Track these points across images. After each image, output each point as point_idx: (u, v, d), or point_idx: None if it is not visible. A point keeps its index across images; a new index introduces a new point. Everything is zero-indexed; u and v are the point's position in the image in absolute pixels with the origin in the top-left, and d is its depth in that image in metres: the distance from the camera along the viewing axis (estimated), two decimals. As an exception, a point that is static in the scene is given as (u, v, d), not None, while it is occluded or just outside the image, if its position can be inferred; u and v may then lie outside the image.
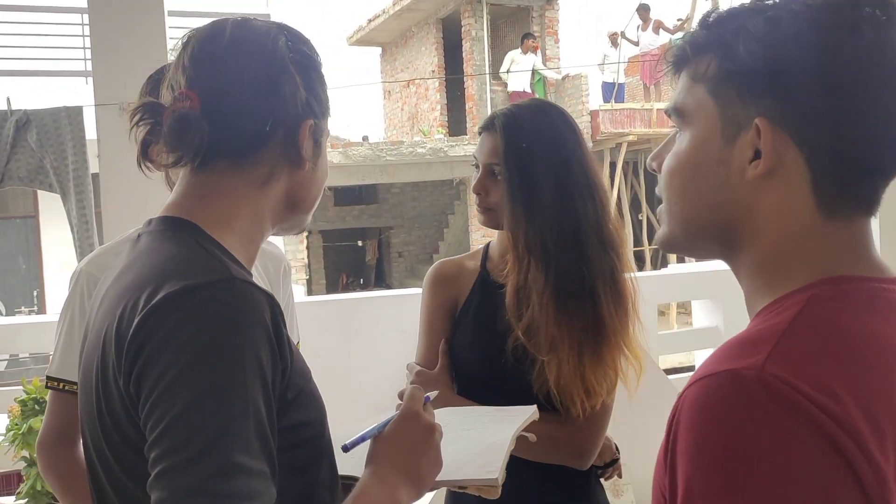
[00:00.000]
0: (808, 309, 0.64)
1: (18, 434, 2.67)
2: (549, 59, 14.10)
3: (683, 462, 0.59)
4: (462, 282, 1.52)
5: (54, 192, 3.55)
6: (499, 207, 1.42)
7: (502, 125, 1.42)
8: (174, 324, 0.75)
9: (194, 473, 0.70)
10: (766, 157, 0.67)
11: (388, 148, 12.53)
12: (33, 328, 3.65)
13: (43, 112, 3.53)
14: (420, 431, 0.94)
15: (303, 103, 0.91)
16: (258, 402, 0.74)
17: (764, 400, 0.57)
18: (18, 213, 10.81)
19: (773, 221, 0.68)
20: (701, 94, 0.71)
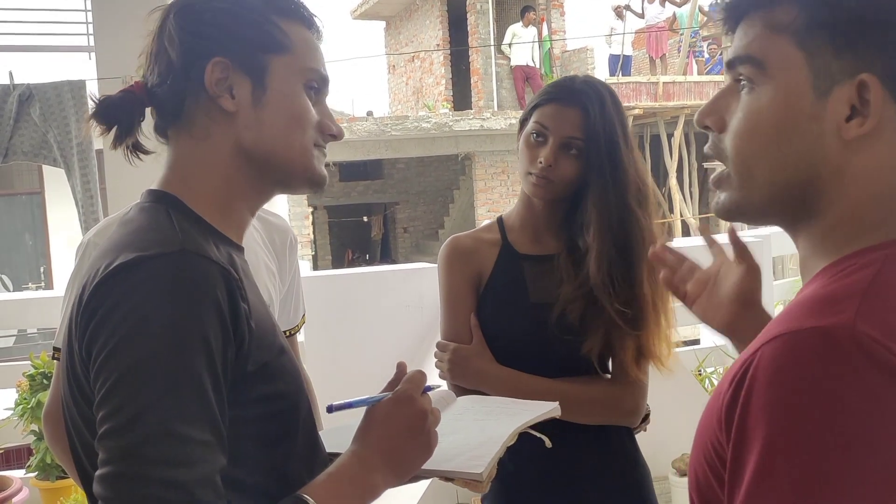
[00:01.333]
0: (887, 267, 0.61)
1: (28, 408, 2.70)
2: (554, 31, 13.96)
3: (764, 419, 0.56)
4: (483, 255, 1.49)
5: (58, 167, 3.54)
6: (564, 180, 1.41)
7: (587, 100, 1.39)
8: (121, 293, 0.77)
9: (128, 437, 0.73)
10: (873, 115, 0.63)
11: (393, 123, 12.47)
12: (41, 303, 3.67)
13: (46, 86, 3.51)
14: (411, 416, 0.91)
15: (198, 43, 0.89)
16: (199, 372, 0.75)
17: (858, 358, 0.55)
18: (24, 189, 10.82)
19: (861, 182, 0.65)
20: (785, 45, 0.66)
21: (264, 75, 0.90)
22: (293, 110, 0.92)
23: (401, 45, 16.48)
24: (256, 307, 0.87)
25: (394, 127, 12.31)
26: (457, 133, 12.57)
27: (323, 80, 0.96)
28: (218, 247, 0.87)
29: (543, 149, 1.40)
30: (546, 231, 1.48)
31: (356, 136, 12.03)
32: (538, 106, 1.44)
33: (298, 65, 0.93)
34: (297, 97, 0.92)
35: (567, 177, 1.41)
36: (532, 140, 1.43)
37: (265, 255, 1.52)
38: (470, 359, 1.43)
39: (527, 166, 1.43)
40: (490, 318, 1.46)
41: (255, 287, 0.94)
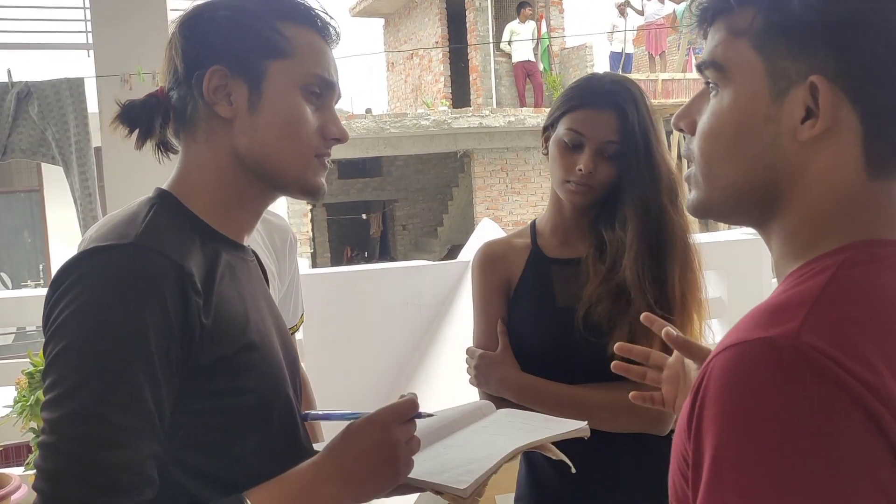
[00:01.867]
0: (840, 273, 0.62)
1: (26, 406, 2.69)
2: (553, 29, 13.96)
3: (713, 429, 0.57)
4: (513, 260, 1.49)
5: (57, 165, 3.54)
6: (604, 185, 1.40)
7: (622, 102, 1.39)
8: (73, 279, 0.82)
9: (58, 411, 0.78)
10: (822, 117, 0.63)
11: (392, 120, 12.46)
12: (39, 301, 3.65)
13: (44, 84, 3.51)
14: (380, 443, 0.89)
15: (198, 52, 0.92)
16: (131, 359, 0.79)
17: (800, 369, 0.56)
18: (23, 186, 10.81)
19: (819, 182, 0.66)
20: (744, 49, 0.67)
21: (261, 80, 0.92)
22: (288, 116, 0.93)
23: (400, 42, 16.46)
24: (227, 303, 0.89)
25: (392, 124, 12.31)
26: (456, 131, 12.56)
27: (326, 85, 0.96)
28: (204, 244, 0.90)
29: (581, 155, 1.39)
30: (575, 234, 1.48)
31: (355, 134, 12.02)
32: (568, 111, 1.42)
33: (299, 70, 0.94)
34: (293, 103, 0.93)
35: (606, 181, 1.40)
36: (566, 147, 1.41)
37: (265, 256, 1.52)
38: (493, 366, 1.43)
39: (563, 174, 1.41)
40: (518, 324, 1.46)
41: (247, 283, 0.96)
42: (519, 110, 12.86)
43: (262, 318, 0.96)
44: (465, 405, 1.24)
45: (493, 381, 1.43)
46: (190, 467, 0.85)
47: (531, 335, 1.44)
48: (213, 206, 0.94)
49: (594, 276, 1.40)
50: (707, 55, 0.71)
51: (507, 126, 12.52)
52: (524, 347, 1.44)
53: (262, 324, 0.96)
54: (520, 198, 13.43)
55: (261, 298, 1.00)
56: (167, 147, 0.99)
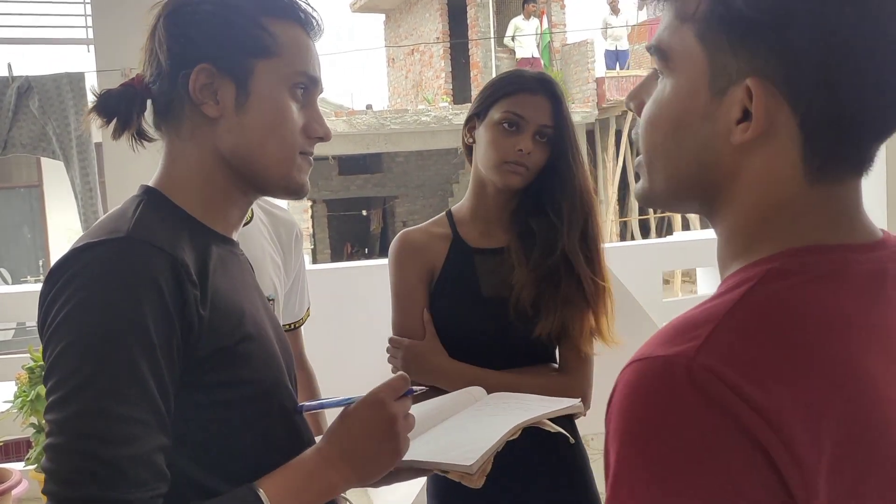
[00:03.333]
0: (759, 286, 0.60)
1: (27, 401, 2.70)
2: (554, 25, 13.94)
3: (614, 444, 0.58)
4: (434, 250, 1.51)
5: (57, 159, 3.54)
6: (537, 167, 1.45)
7: (556, 92, 1.47)
8: (68, 276, 0.82)
9: (64, 411, 0.77)
10: (756, 121, 0.60)
11: (393, 116, 12.45)
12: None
13: (45, 78, 3.50)
14: (378, 420, 0.90)
15: (184, 49, 0.90)
16: (133, 352, 0.79)
17: (689, 392, 0.54)
18: (22, 182, 10.81)
19: (754, 188, 0.63)
20: (688, 36, 0.63)
21: (248, 80, 0.91)
22: (275, 115, 0.93)
23: (400, 38, 16.44)
24: (222, 294, 0.89)
25: (393, 120, 12.30)
26: (456, 127, 12.54)
27: (312, 81, 0.96)
28: (193, 238, 0.89)
29: (520, 137, 1.43)
30: (497, 223, 1.51)
31: (355, 130, 12.02)
32: (502, 97, 1.45)
33: (285, 68, 0.93)
34: (280, 102, 0.93)
35: (539, 164, 1.45)
36: (504, 129, 1.44)
37: (271, 249, 1.53)
38: (424, 355, 1.44)
39: (501, 155, 1.43)
40: (443, 313, 1.47)
41: (239, 276, 0.96)
42: (520, 107, 12.83)
43: (257, 310, 0.97)
44: (458, 392, 1.26)
45: (425, 370, 1.43)
46: (193, 459, 0.85)
47: (458, 324, 1.46)
48: (199, 202, 0.94)
49: (521, 264, 1.45)
50: (655, 38, 0.68)
51: (508, 122, 12.50)
52: (451, 336, 1.46)
53: (257, 315, 0.96)
54: (520, 194, 13.41)
55: (253, 290, 1.00)
56: (142, 136, 0.97)
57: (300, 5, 0.95)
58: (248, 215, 1.52)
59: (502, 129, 1.44)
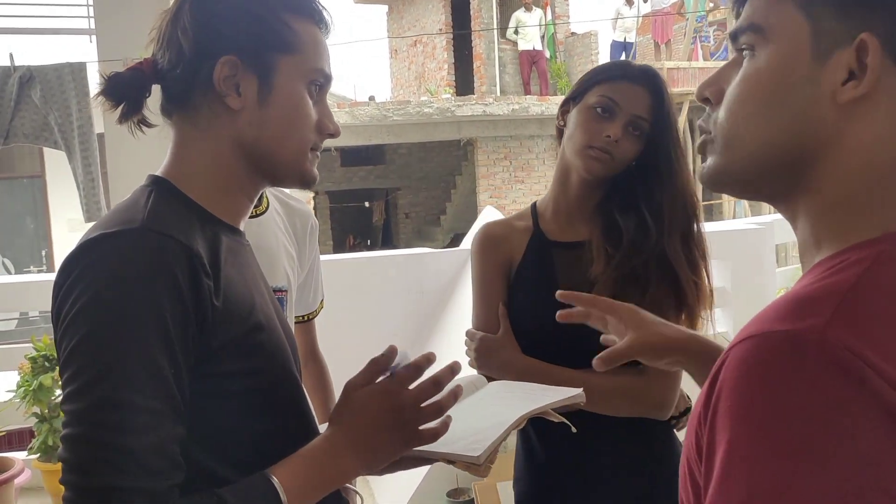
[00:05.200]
0: (876, 266, 0.59)
1: (30, 391, 2.71)
2: (558, 16, 13.89)
3: (728, 422, 0.55)
4: (514, 242, 1.48)
5: (59, 149, 3.54)
6: (624, 159, 1.39)
7: (659, 86, 1.40)
8: (83, 268, 0.82)
9: (81, 402, 0.78)
10: (869, 75, 0.60)
11: (395, 108, 12.43)
12: (42, 286, 3.67)
13: (47, 68, 3.50)
14: (388, 409, 0.91)
15: (210, 39, 0.90)
16: (151, 343, 0.79)
17: (823, 366, 0.53)
18: (25, 172, 10.81)
19: (856, 154, 0.62)
20: (788, 9, 0.63)
21: (271, 74, 0.92)
22: (295, 111, 0.94)
23: (403, 29, 16.40)
24: (233, 285, 0.89)
25: (396, 112, 12.28)
26: (459, 118, 12.53)
27: (327, 79, 0.98)
28: (203, 228, 0.90)
29: (611, 124, 1.37)
30: (578, 217, 1.46)
31: (358, 121, 12.00)
32: (602, 81, 1.41)
33: (305, 65, 0.94)
34: (300, 97, 0.94)
35: (627, 156, 1.39)
36: (596, 114, 1.39)
37: (285, 239, 1.53)
38: (495, 349, 1.42)
39: (587, 139, 1.38)
40: (519, 307, 1.45)
41: (247, 267, 0.97)
42: (523, 98, 12.82)
43: (265, 300, 0.98)
44: (459, 380, 1.26)
45: (495, 365, 1.42)
46: (205, 448, 0.86)
47: (532, 319, 1.43)
48: (210, 192, 0.94)
49: (600, 259, 1.39)
50: (744, 20, 0.67)
51: (511, 114, 12.48)
52: (525, 330, 1.43)
53: (266, 305, 0.97)
54: (523, 186, 13.40)
55: (260, 280, 1.01)
56: (142, 122, 0.97)
57: (317, 4, 0.97)
58: (264, 205, 1.52)
59: (594, 113, 1.39)
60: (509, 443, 1.23)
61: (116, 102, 0.94)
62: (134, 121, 0.96)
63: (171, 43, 0.92)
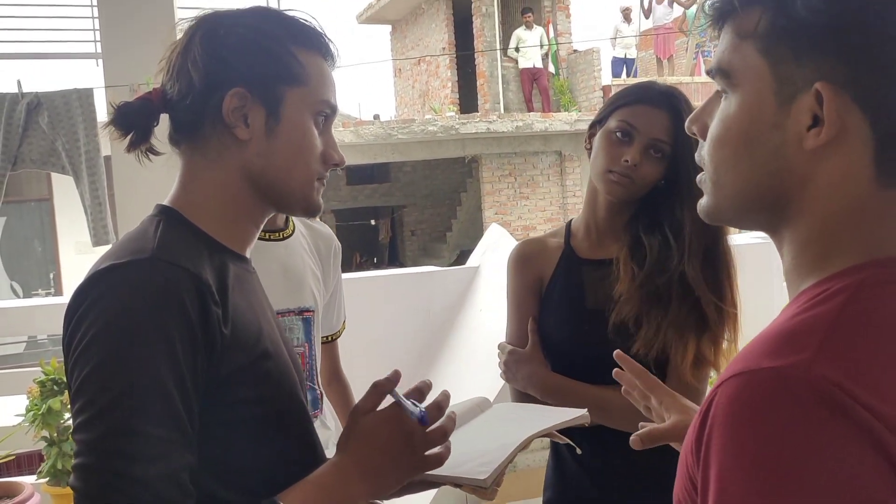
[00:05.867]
0: (858, 295, 0.59)
1: (38, 414, 2.71)
2: (560, 33, 13.96)
3: (719, 460, 0.56)
4: (545, 260, 1.53)
5: (67, 175, 3.56)
6: (645, 182, 1.41)
7: (679, 108, 1.41)
8: (94, 298, 0.83)
9: (93, 432, 0.78)
10: (828, 124, 0.61)
11: (400, 126, 12.48)
12: (50, 310, 3.68)
13: (54, 94, 3.53)
14: (397, 435, 0.91)
15: (220, 71, 0.92)
16: (161, 372, 0.80)
17: (810, 403, 0.53)
18: (33, 196, 10.87)
19: (829, 192, 0.63)
20: (750, 52, 0.65)
21: (279, 106, 0.94)
22: (301, 141, 0.95)
23: (407, 48, 16.49)
24: (241, 312, 0.90)
25: (400, 130, 12.32)
26: (463, 136, 12.57)
27: (333, 110, 0.99)
28: (211, 256, 0.91)
29: (629, 148, 1.40)
30: (608, 234, 1.49)
31: (363, 140, 12.05)
32: (622, 106, 1.43)
33: (312, 96, 0.96)
34: (307, 129, 0.96)
35: (648, 179, 1.41)
36: (615, 138, 1.42)
37: (311, 261, 1.57)
38: (521, 363, 1.47)
39: (607, 164, 1.41)
40: (548, 323, 1.49)
41: (254, 294, 0.98)
42: (526, 115, 12.86)
43: (272, 327, 0.98)
44: (463, 402, 1.27)
45: (521, 378, 1.46)
46: (213, 475, 0.86)
47: (560, 334, 1.47)
48: (217, 221, 0.95)
49: (625, 276, 1.41)
50: (715, 61, 0.69)
51: (515, 131, 12.51)
52: (553, 346, 1.47)
53: (273, 333, 0.97)
54: (528, 202, 13.41)
55: (267, 308, 1.01)
56: (150, 150, 0.98)
57: (324, 37, 0.99)
58: (290, 228, 1.55)
59: (614, 138, 1.42)
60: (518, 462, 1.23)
61: (125, 131, 0.95)
62: (142, 149, 0.97)
63: (181, 74, 0.93)
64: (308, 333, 1.52)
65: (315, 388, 1.54)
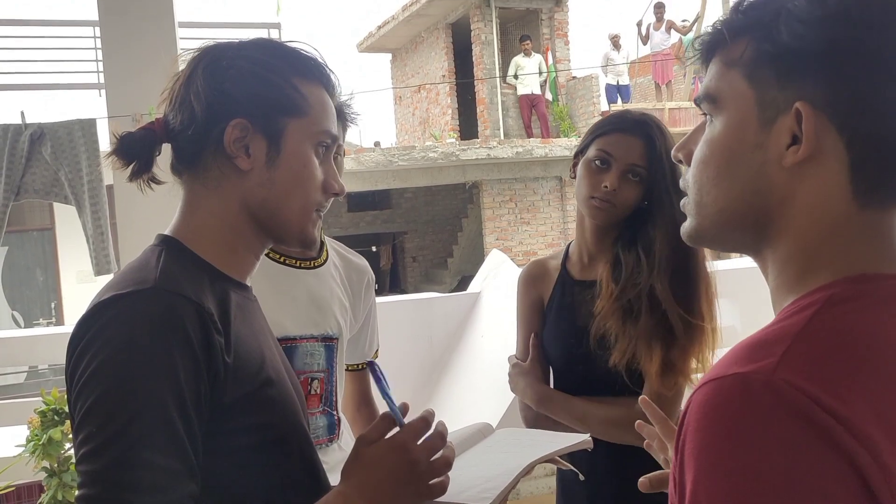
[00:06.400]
0: (824, 309, 0.62)
1: (39, 445, 2.69)
2: (559, 60, 14.08)
3: (691, 464, 0.58)
4: (546, 280, 1.66)
5: (69, 204, 3.58)
6: (626, 205, 1.50)
7: (651, 133, 1.50)
8: (97, 328, 0.83)
9: (97, 463, 0.78)
10: (806, 142, 0.64)
11: (400, 153, 12.55)
12: (51, 340, 3.68)
13: (57, 125, 3.56)
14: (402, 464, 0.90)
15: (222, 102, 0.92)
16: (166, 401, 0.80)
17: (771, 406, 0.56)
18: (35, 225, 10.91)
19: (807, 211, 0.66)
20: (736, 78, 0.69)
21: (280, 137, 0.94)
22: (302, 172, 0.96)
23: (407, 76, 16.63)
24: (243, 341, 0.90)
25: (401, 157, 12.39)
26: (464, 162, 12.63)
27: (333, 140, 1.00)
28: (213, 285, 0.91)
29: (608, 174, 1.50)
30: (597, 256, 1.59)
31: (364, 167, 12.11)
32: (599, 136, 1.54)
33: (312, 127, 0.96)
34: (307, 159, 0.96)
35: (629, 202, 1.51)
36: (594, 166, 1.52)
37: (339, 291, 1.59)
38: (520, 375, 1.62)
39: (589, 191, 1.52)
40: (547, 340, 1.63)
41: (255, 322, 0.98)
42: (526, 141, 12.93)
43: (273, 354, 0.98)
44: (465, 428, 1.28)
45: (519, 389, 1.62)
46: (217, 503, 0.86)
47: (555, 351, 1.61)
48: (218, 250, 0.95)
49: (605, 293, 1.51)
50: (702, 89, 0.73)
51: (515, 157, 12.58)
52: (553, 357, 1.62)
53: (274, 360, 0.97)
54: (529, 228, 13.44)
55: (268, 335, 1.02)
56: (152, 179, 0.99)
57: (324, 67, 1.00)
58: (323, 257, 1.58)
59: (594, 166, 1.52)
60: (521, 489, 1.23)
61: (128, 161, 0.96)
62: (145, 178, 0.97)
63: (184, 105, 0.94)
64: (330, 360, 1.53)
65: (332, 413, 1.55)
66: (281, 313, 1.41)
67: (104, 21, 3.38)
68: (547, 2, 14.36)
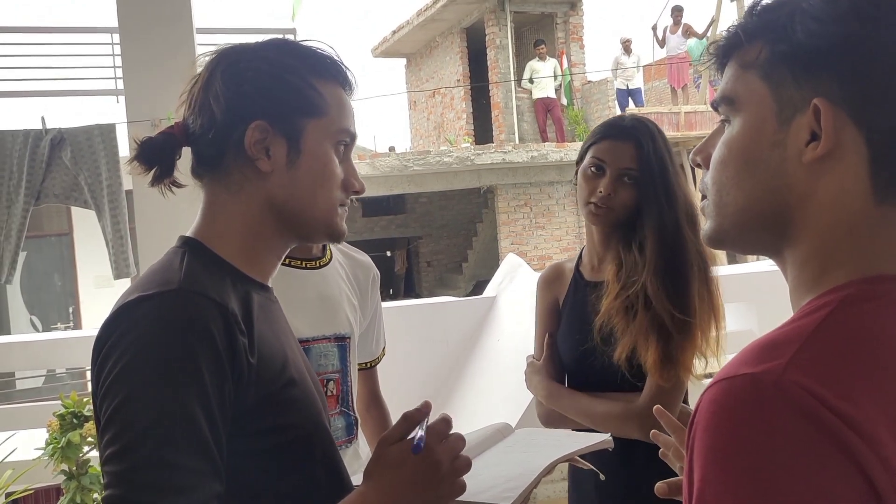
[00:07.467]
0: (838, 310, 0.62)
1: (58, 448, 2.72)
2: (574, 64, 14.06)
3: (699, 462, 0.59)
4: (561, 282, 1.74)
5: (89, 209, 3.61)
6: (623, 207, 1.56)
7: (640, 137, 1.57)
8: (123, 330, 0.84)
9: (123, 464, 0.78)
10: (825, 137, 0.64)
11: (415, 158, 12.56)
12: (69, 344, 3.71)
13: (77, 130, 3.60)
14: (425, 467, 0.89)
15: (241, 105, 0.93)
16: (190, 402, 0.80)
17: (778, 406, 0.56)
18: (53, 230, 11.01)
19: (827, 208, 0.66)
20: (752, 79, 0.69)
21: (300, 138, 0.95)
22: (323, 171, 0.97)
23: (422, 81, 16.66)
24: (266, 341, 0.91)
25: (416, 162, 12.40)
26: (479, 167, 12.63)
27: (352, 137, 1.00)
28: (235, 286, 0.92)
29: (602, 180, 1.57)
30: (604, 257, 1.65)
31: (379, 172, 12.13)
32: (593, 144, 1.61)
33: (332, 126, 0.97)
34: (328, 159, 0.97)
35: (625, 204, 1.57)
36: (590, 173, 1.60)
37: (347, 289, 1.60)
38: (533, 373, 1.70)
39: (586, 197, 1.60)
40: (560, 339, 1.70)
41: (277, 322, 0.98)
42: (541, 145, 12.91)
43: (295, 355, 0.99)
44: (485, 428, 1.29)
45: (531, 386, 1.69)
46: None
47: (567, 348, 1.67)
48: (240, 251, 0.96)
49: (610, 292, 1.57)
50: (719, 92, 0.73)
51: (530, 161, 12.56)
52: (566, 355, 1.68)
53: (297, 360, 0.98)
54: (544, 232, 13.42)
55: (290, 335, 1.02)
56: (173, 183, 0.99)
57: (341, 66, 1.00)
58: (327, 257, 1.58)
59: (589, 173, 1.60)
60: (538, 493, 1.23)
61: (149, 167, 0.97)
62: (166, 183, 0.98)
63: (203, 108, 0.95)
64: (343, 359, 1.54)
65: (350, 414, 1.55)
66: (292, 315, 1.42)
67: (123, 28, 3.41)
68: (562, 6, 14.35)
